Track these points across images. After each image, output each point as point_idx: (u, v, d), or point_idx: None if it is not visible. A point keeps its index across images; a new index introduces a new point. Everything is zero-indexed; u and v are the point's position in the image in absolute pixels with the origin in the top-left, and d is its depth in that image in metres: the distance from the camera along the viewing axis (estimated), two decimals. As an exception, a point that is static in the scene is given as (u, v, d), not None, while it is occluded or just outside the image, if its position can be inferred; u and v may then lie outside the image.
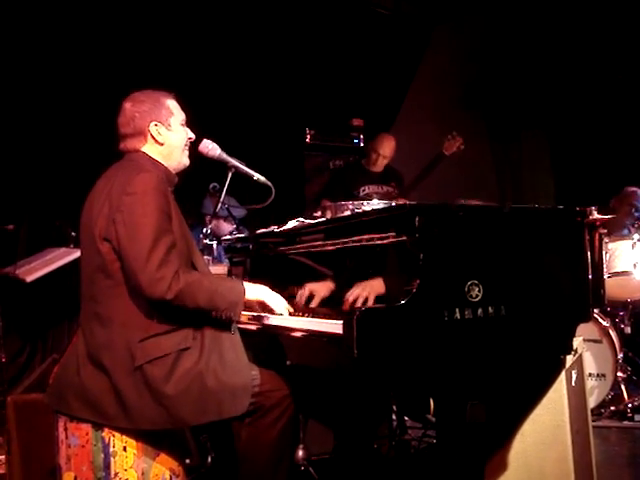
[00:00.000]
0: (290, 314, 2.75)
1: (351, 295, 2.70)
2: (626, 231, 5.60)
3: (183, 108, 2.80)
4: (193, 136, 2.85)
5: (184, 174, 2.86)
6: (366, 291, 2.67)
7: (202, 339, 2.56)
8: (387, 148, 5.61)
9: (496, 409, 2.56)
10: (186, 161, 2.82)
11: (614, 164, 7.15)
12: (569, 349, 2.73)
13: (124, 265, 2.46)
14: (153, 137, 2.69)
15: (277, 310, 2.74)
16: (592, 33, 7.16)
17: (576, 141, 7.97)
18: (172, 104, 2.76)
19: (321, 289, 2.97)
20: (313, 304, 2.97)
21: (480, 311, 2.43)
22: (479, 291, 2.43)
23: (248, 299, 2.67)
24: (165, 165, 2.73)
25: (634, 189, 5.82)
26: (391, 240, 2.54)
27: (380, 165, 5.65)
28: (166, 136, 2.71)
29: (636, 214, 5.62)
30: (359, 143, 7.11)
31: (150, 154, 2.71)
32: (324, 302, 2.94)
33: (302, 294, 3.03)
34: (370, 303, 2.63)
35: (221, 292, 2.57)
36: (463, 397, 2.46)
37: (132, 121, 2.68)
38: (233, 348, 2.64)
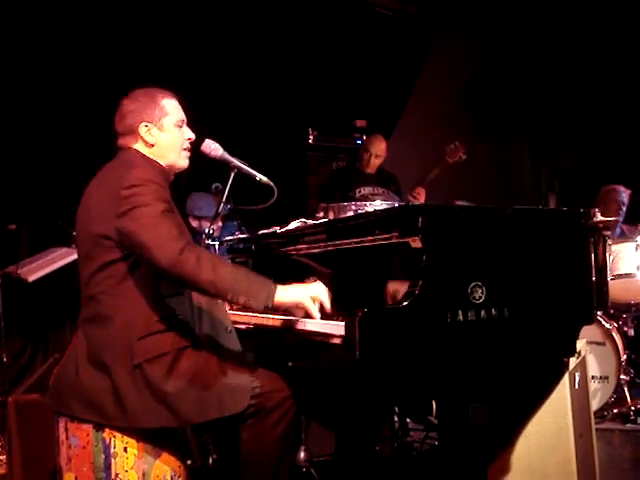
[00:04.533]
0: (293, 315, 2.73)
1: None
2: (619, 231, 5.59)
3: (186, 108, 2.76)
4: (193, 136, 2.78)
5: (185, 174, 2.84)
6: None
7: (200, 338, 2.56)
8: (378, 147, 5.63)
9: (499, 411, 2.55)
10: (183, 163, 2.76)
11: (618, 164, 7.14)
12: (573, 351, 2.72)
13: (132, 243, 2.42)
14: (142, 138, 2.65)
15: (315, 316, 2.57)
16: (594, 34, 7.16)
17: (579, 143, 7.97)
18: (169, 103, 2.69)
19: None
20: None
21: (483, 313, 2.42)
22: (482, 293, 2.42)
23: (282, 302, 2.52)
24: (159, 162, 2.69)
25: (611, 187, 5.78)
26: (394, 241, 2.53)
27: (373, 166, 5.65)
28: (157, 137, 2.66)
29: (621, 212, 5.60)
30: (362, 144, 7.11)
31: (143, 152, 2.67)
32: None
33: None
34: None
35: (243, 273, 2.50)
36: (466, 399, 2.45)
37: (124, 119, 2.65)
38: (230, 347, 2.64)
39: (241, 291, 2.43)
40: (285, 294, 2.50)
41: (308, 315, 2.58)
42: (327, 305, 2.56)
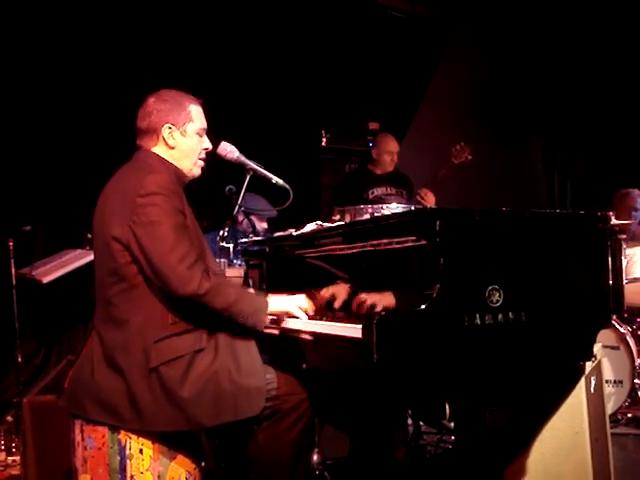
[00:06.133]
0: (309, 317, 2.74)
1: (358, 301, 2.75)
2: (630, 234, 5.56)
3: (204, 112, 2.76)
4: (210, 147, 2.80)
5: (201, 176, 2.83)
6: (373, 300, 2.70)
7: (216, 341, 2.56)
8: (389, 144, 5.64)
9: (515, 415, 2.54)
10: (195, 172, 2.77)
11: (631, 168, 7.12)
12: (589, 355, 2.71)
13: (150, 266, 2.44)
14: (164, 139, 2.66)
15: (301, 317, 2.73)
16: (606, 37, 7.14)
17: (592, 146, 7.94)
18: (195, 110, 2.71)
19: (342, 292, 2.95)
20: (336, 306, 2.95)
21: (500, 316, 2.41)
22: (500, 296, 2.41)
23: (272, 312, 2.68)
24: (176, 165, 2.70)
25: (625, 191, 5.76)
26: (411, 244, 2.52)
27: (386, 165, 5.63)
28: (179, 141, 2.67)
29: (635, 214, 5.57)
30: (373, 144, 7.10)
31: (160, 154, 2.68)
32: (345, 306, 2.93)
33: (323, 297, 3.01)
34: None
35: (246, 297, 2.63)
36: (482, 403, 2.44)
37: (148, 117, 2.65)
38: (247, 350, 2.63)
39: (249, 313, 2.57)
40: (274, 305, 2.68)
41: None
42: (309, 312, 2.74)
